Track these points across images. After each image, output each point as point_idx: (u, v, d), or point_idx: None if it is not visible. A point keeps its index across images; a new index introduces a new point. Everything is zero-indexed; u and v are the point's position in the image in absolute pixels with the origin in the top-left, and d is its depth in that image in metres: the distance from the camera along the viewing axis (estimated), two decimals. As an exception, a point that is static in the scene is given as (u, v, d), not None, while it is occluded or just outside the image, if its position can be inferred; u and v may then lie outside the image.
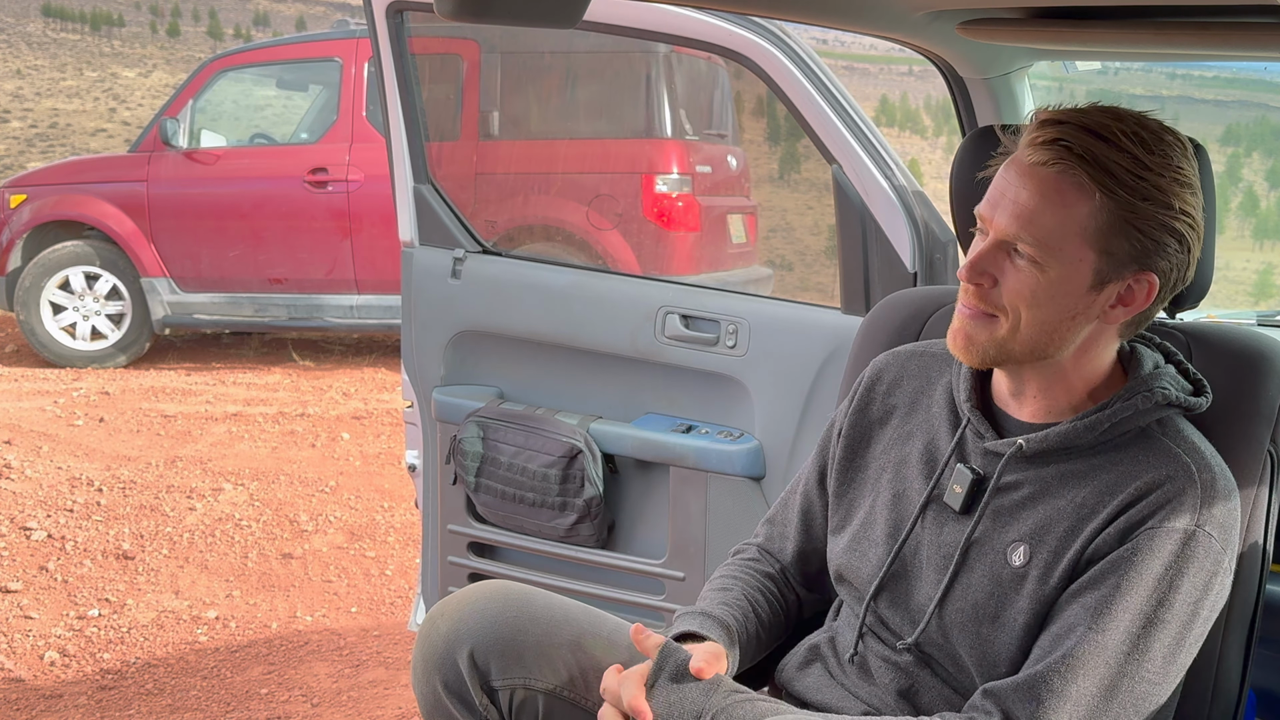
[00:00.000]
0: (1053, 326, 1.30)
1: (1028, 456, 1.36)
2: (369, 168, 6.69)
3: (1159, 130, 1.28)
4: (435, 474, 2.62)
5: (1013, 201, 1.28)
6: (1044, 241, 1.26)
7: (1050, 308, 1.29)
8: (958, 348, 1.36)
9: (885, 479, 1.48)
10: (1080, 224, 1.26)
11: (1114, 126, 1.25)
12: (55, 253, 6.99)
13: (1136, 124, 1.27)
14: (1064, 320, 1.30)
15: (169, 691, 3.12)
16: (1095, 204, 1.25)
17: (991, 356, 1.34)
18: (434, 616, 1.53)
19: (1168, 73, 20.85)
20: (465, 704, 1.48)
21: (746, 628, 1.51)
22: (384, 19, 2.46)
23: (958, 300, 1.36)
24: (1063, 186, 1.25)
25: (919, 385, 1.51)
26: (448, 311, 2.57)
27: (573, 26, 1.35)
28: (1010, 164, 1.31)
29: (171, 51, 32.19)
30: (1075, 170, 1.24)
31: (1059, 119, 1.27)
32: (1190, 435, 1.35)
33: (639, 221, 6.14)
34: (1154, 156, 1.25)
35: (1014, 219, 1.27)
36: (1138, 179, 1.24)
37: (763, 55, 2.17)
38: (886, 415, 1.52)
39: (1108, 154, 1.24)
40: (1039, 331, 1.31)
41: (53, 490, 4.58)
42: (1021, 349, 1.32)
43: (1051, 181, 1.26)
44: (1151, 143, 1.26)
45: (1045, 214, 1.26)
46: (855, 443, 1.54)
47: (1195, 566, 1.27)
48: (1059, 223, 1.26)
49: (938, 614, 1.37)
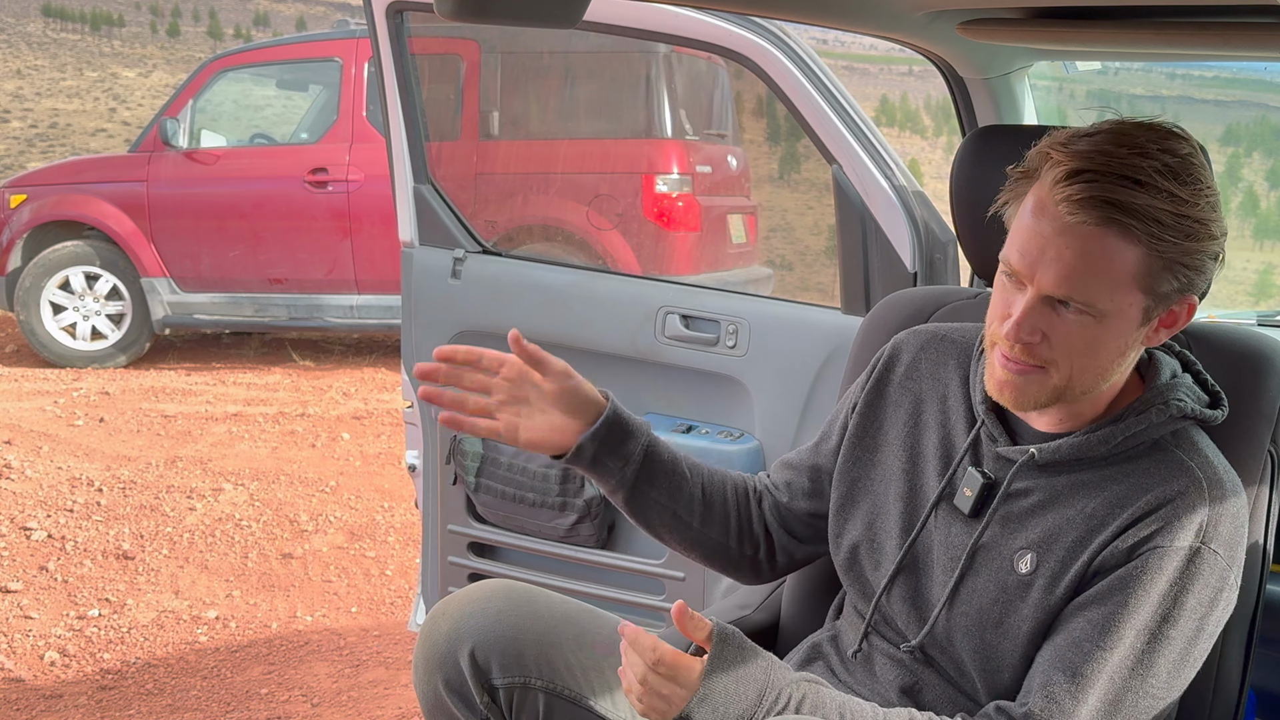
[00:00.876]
0: (1105, 366, 1.28)
1: (1039, 465, 1.35)
2: (369, 168, 6.69)
3: (1177, 148, 1.23)
4: (435, 474, 2.62)
5: (1055, 260, 1.22)
6: (1094, 299, 1.22)
7: (1104, 353, 1.27)
8: (1006, 400, 1.31)
9: (899, 467, 1.47)
10: (1130, 273, 1.22)
11: (1145, 166, 1.19)
12: (55, 253, 6.99)
13: (1162, 152, 1.21)
14: (1116, 359, 1.28)
15: (169, 691, 3.12)
16: (1141, 252, 1.21)
17: (1045, 403, 1.31)
18: (436, 615, 1.53)
19: (1168, 73, 20.83)
20: (466, 703, 1.48)
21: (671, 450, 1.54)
22: (384, 19, 2.46)
23: (993, 349, 1.31)
24: (1107, 242, 1.20)
25: (937, 373, 1.49)
26: (448, 311, 2.57)
27: (573, 26, 1.35)
28: (1042, 215, 1.23)
29: (171, 51, 32.19)
30: (1119, 224, 1.20)
31: (1089, 168, 1.20)
32: (1204, 448, 1.33)
33: (639, 221, 6.14)
34: (1187, 188, 1.21)
35: (1062, 280, 1.22)
36: (1179, 219, 1.20)
37: (763, 55, 2.17)
38: (902, 398, 1.50)
39: (1148, 201, 1.19)
40: (1094, 375, 1.28)
41: (53, 490, 4.58)
42: (1076, 393, 1.30)
43: (1096, 238, 1.20)
44: (1181, 172, 1.21)
45: (1094, 272, 1.21)
46: (869, 420, 1.52)
47: (1201, 584, 1.26)
48: (1108, 277, 1.22)
49: (944, 616, 1.37)
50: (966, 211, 1.59)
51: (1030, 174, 1.27)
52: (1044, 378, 1.28)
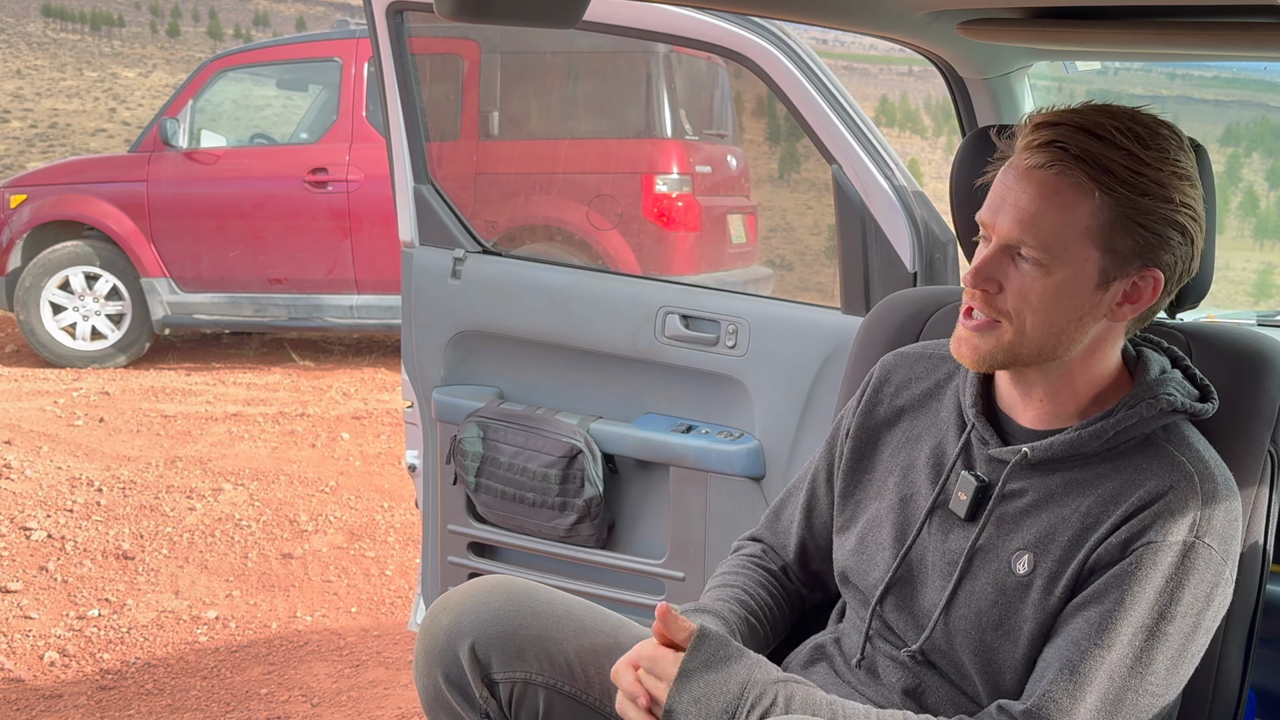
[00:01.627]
0: (1060, 328, 1.30)
1: (1032, 464, 1.36)
2: (369, 168, 6.69)
3: (1154, 125, 1.28)
4: (435, 474, 2.62)
5: (1013, 205, 1.28)
6: (1047, 244, 1.26)
7: (1057, 310, 1.29)
8: (963, 355, 1.35)
9: (892, 482, 1.48)
10: (1082, 223, 1.26)
11: (1108, 124, 1.25)
12: (55, 253, 6.99)
13: (1131, 120, 1.27)
14: (1071, 321, 1.30)
15: (169, 691, 3.12)
16: (1095, 202, 1.25)
17: (999, 361, 1.34)
18: (436, 610, 1.53)
19: (1168, 73, 20.84)
20: (466, 697, 1.48)
21: (748, 621, 1.51)
22: (384, 19, 2.46)
23: (960, 308, 1.35)
24: (1062, 187, 1.25)
25: (927, 387, 1.51)
26: (448, 311, 2.57)
27: (573, 26, 1.35)
28: (1008, 168, 1.31)
29: (171, 51, 32.19)
30: (1073, 170, 1.25)
31: (1053, 120, 1.27)
32: (1195, 442, 1.34)
33: (639, 221, 6.14)
34: (1150, 151, 1.25)
35: (1016, 223, 1.27)
36: (1136, 175, 1.24)
37: (763, 55, 2.17)
38: (894, 417, 1.52)
39: (1104, 152, 1.24)
40: (1047, 334, 1.30)
41: (53, 490, 4.58)
42: (1030, 352, 1.32)
43: (1050, 183, 1.26)
44: (1147, 138, 1.26)
45: (1047, 216, 1.26)
46: (862, 444, 1.53)
47: (1196, 578, 1.27)
48: (1061, 224, 1.26)
49: (943, 620, 1.38)
50: (966, 211, 1.59)
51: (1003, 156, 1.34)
52: (999, 333, 1.31)
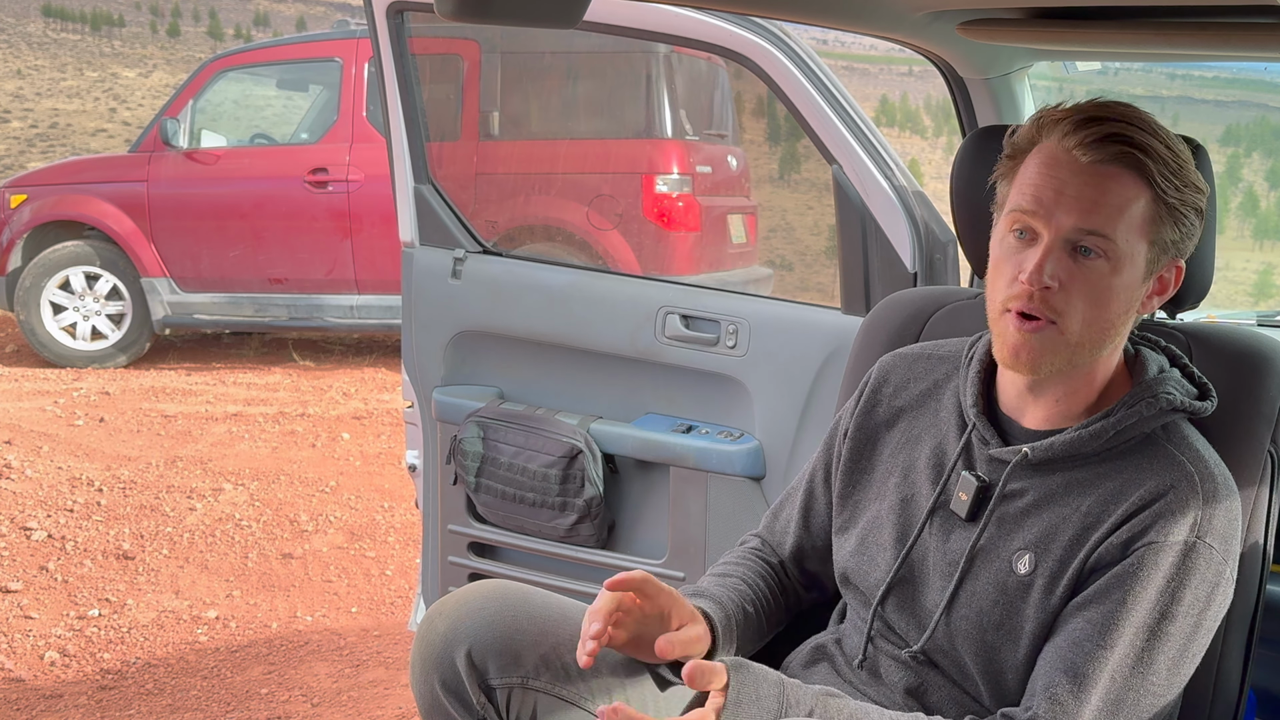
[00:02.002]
0: (1111, 322, 1.30)
1: (1033, 464, 1.36)
2: (369, 168, 6.69)
3: None
4: (435, 474, 2.62)
5: (1075, 198, 1.26)
6: (1114, 236, 1.26)
7: (1114, 304, 1.29)
8: (1022, 363, 1.30)
9: (892, 482, 1.48)
10: (1141, 215, 1.28)
11: (1148, 119, 1.29)
12: (55, 253, 6.99)
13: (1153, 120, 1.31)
14: (1121, 315, 1.31)
15: (169, 691, 3.12)
16: (1151, 195, 1.27)
17: (1059, 365, 1.31)
18: (432, 615, 1.53)
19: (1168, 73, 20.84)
20: (463, 703, 1.48)
21: (743, 607, 1.51)
22: (384, 19, 2.46)
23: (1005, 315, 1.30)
24: (1125, 181, 1.27)
25: (926, 388, 1.51)
26: (448, 311, 2.57)
27: (573, 26, 1.35)
28: (1055, 164, 1.28)
29: (171, 51, 32.20)
30: (1134, 163, 1.26)
31: (1100, 115, 1.28)
32: (1194, 441, 1.34)
33: (639, 221, 6.14)
34: (1178, 145, 1.30)
35: (1086, 214, 1.26)
36: (1181, 167, 1.28)
37: (763, 55, 2.17)
38: (893, 418, 1.52)
39: (1155, 147, 1.27)
40: (1101, 330, 1.30)
41: (53, 490, 4.58)
42: (1085, 350, 1.30)
43: (1114, 177, 1.26)
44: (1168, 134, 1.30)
45: (1113, 208, 1.26)
46: (861, 444, 1.53)
47: (1197, 578, 1.27)
48: (1125, 216, 1.27)
49: (944, 621, 1.38)
50: (966, 211, 1.60)
51: (1023, 149, 1.33)
52: (1057, 335, 1.28)
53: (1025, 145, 1.32)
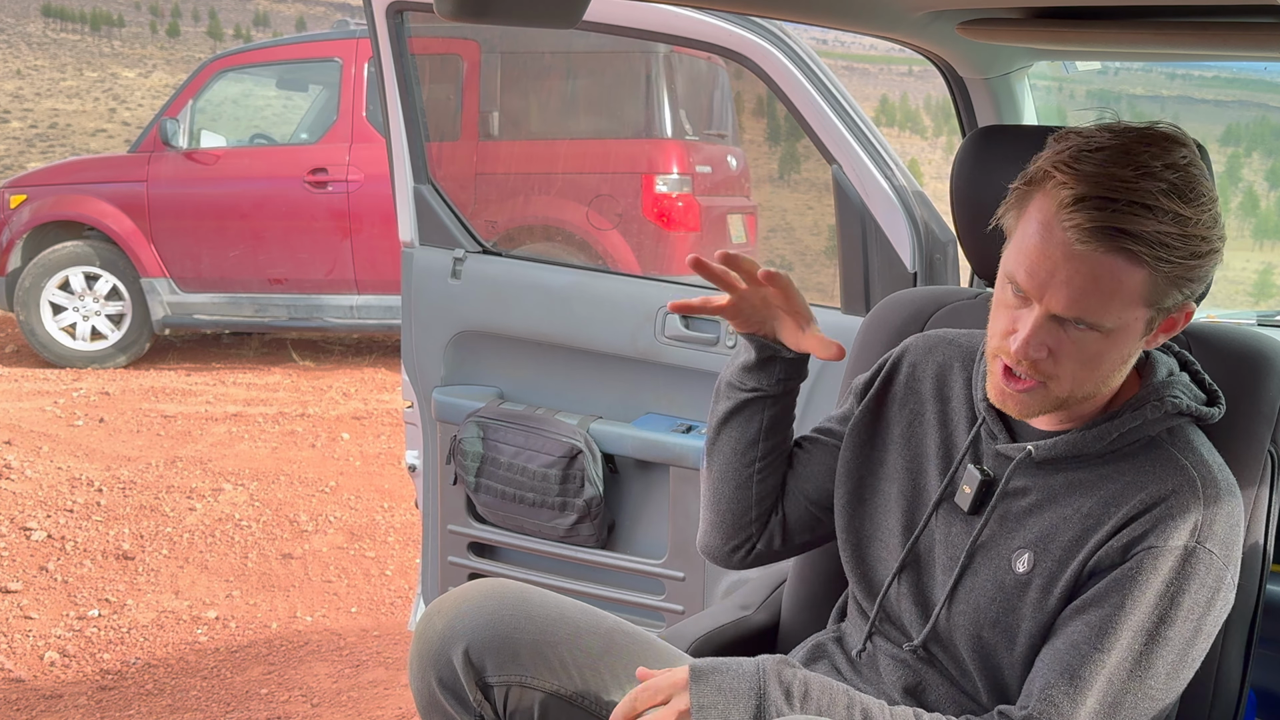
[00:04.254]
0: (1107, 376, 1.30)
1: (1037, 463, 1.36)
2: (369, 168, 6.69)
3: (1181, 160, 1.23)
4: (435, 474, 2.62)
5: (1064, 284, 1.22)
6: (1103, 319, 1.24)
7: (1106, 363, 1.28)
8: (1009, 410, 1.32)
9: (901, 466, 1.48)
10: (1137, 293, 1.23)
11: (1153, 189, 1.19)
12: (55, 253, 6.99)
13: (1166, 169, 1.21)
14: (1117, 366, 1.29)
15: (169, 691, 3.12)
16: (1148, 272, 1.22)
17: (1048, 410, 1.32)
18: (430, 613, 1.53)
19: (1168, 73, 20.84)
20: (460, 701, 1.48)
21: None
22: (384, 19, 2.46)
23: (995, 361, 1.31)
24: (1115, 266, 1.21)
25: (943, 375, 1.50)
26: (448, 311, 2.57)
27: (573, 26, 1.35)
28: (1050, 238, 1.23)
29: (171, 51, 32.19)
30: (1127, 250, 1.20)
31: (1096, 194, 1.20)
32: (1199, 446, 1.34)
33: (639, 221, 6.14)
34: (1191, 205, 1.21)
35: (1071, 303, 1.23)
36: (1186, 239, 1.21)
37: (763, 55, 2.17)
38: (908, 399, 1.51)
39: (1155, 227, 1.19)
40: (1095, 385, 1.30)
41: (53, 490, 4.58)
42: (1078, 400, 1.31)
43: (1104, 264, 1.21)
44: (1185, 189, 1.21)
45: (1102, 295, 1.22)
46: (873, 420, 1.53)
47: (1197, 583, 1.26)
48: (1117, 299, 1.23)
49: (945, 614, 1.38)
50: (966, 211, 1.59)
51: (1032, 186, 1.27)
52: (1045, 392, 1.29)
53: (1035, 181, 1.26)
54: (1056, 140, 1.27)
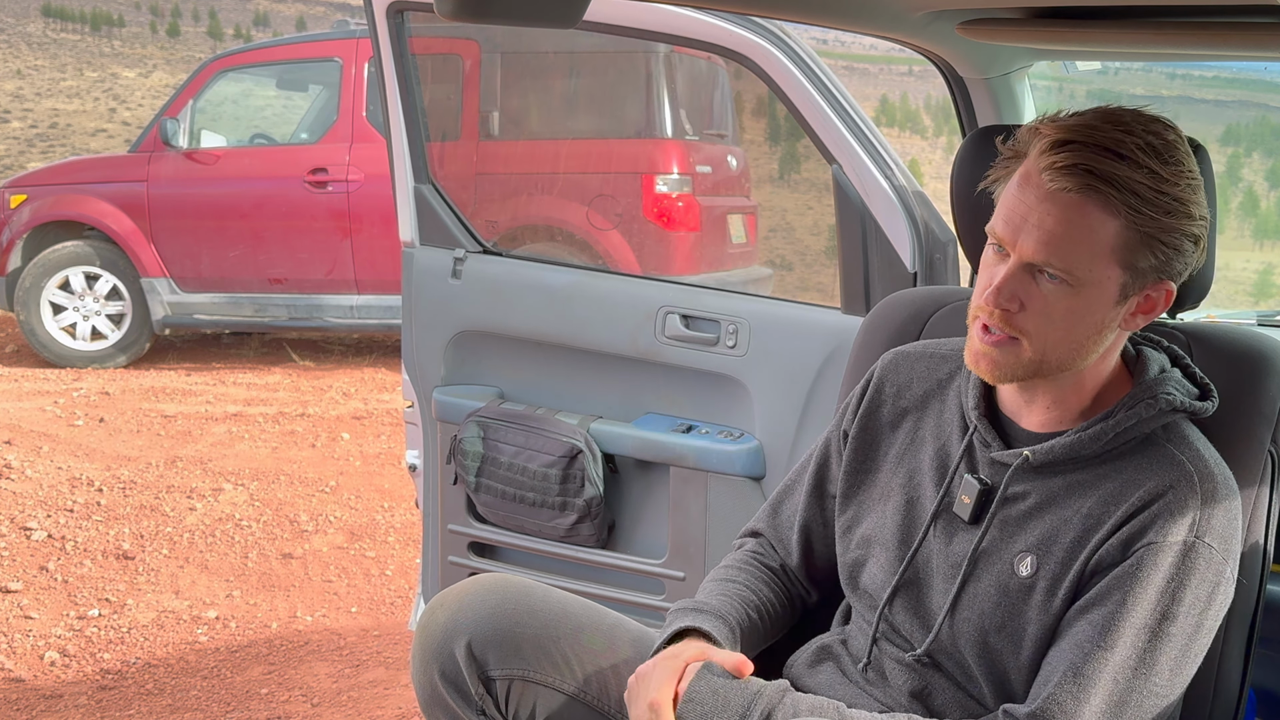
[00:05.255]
0: (1080, 342, 1.30)
1: (1034, 467, 1.36)
2: (369, 168, 6.69)
3: (1165, 132, 1.27)
4: (435, 474, 2.62)
5: (1037, 227, 1.25)
6: (1073, 266, 1.25)
7: (1079, 327, 1.29)
8: (982, 370, 1.33)
9: (897, 484, 1.48)
10: (1108, 244, 1.25)
11: (1129, 142, 1.23)
12: (55, 253, 6.99)
13: (1146, 132, 1.25)
14: (1091, 335, 1.30)
15: (169, 691, 3.12)
16: (1121, 223, 1.24)
17: (1019, 375, 1.33)
18: (433, 608, 1.53)
19: (1168, 73, 20.83)
20: (462, 695, 1.48)
21: (749, 616, 1.51)
22: (384, 19, 2.46)
23: (974, 322, 1.33)
24: (1088, 210, 1.24)
25: (929, 388, 1.51)
26: (448, 311, 2.57)
27: (573, 26, 1.35)
28: (1027, 184, 1.28)
29: (171, 51, 32.20)
30: (1099, 193, 1.23)
31: (1073, 139, 1.25)
32: (1195, 441, 1.34)
33: (639, 221, 6.14)
34: (1169, 167, 1.24)
35: (1042, 245, 1.25)
36: (1159, 194, 1.23)
37: (763, 55, 2.17)
38: (897, 418, 1.52)
39: (1128, 173, 1.22)
40: (1067, 349, 1.30)
41: (53, 490, 4.58)
42: (1050, 366, 1.31)
43: (1076, 206, 1.24)
44: (1164, 151, 1.25)
45: (1073, 239, 1.25)
46: (865, 445, 1.53)
47: (1198, 578, 1.27)
48: (1087, 246, 1.25)
49: (948, 623, 1.38)
50: (966, 211, 1.59)
51: (1020, 153, 1.31)
52: (1018, 350, 1.30)
53: (1019, 150, 1.31)
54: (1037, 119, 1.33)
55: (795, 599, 1.62)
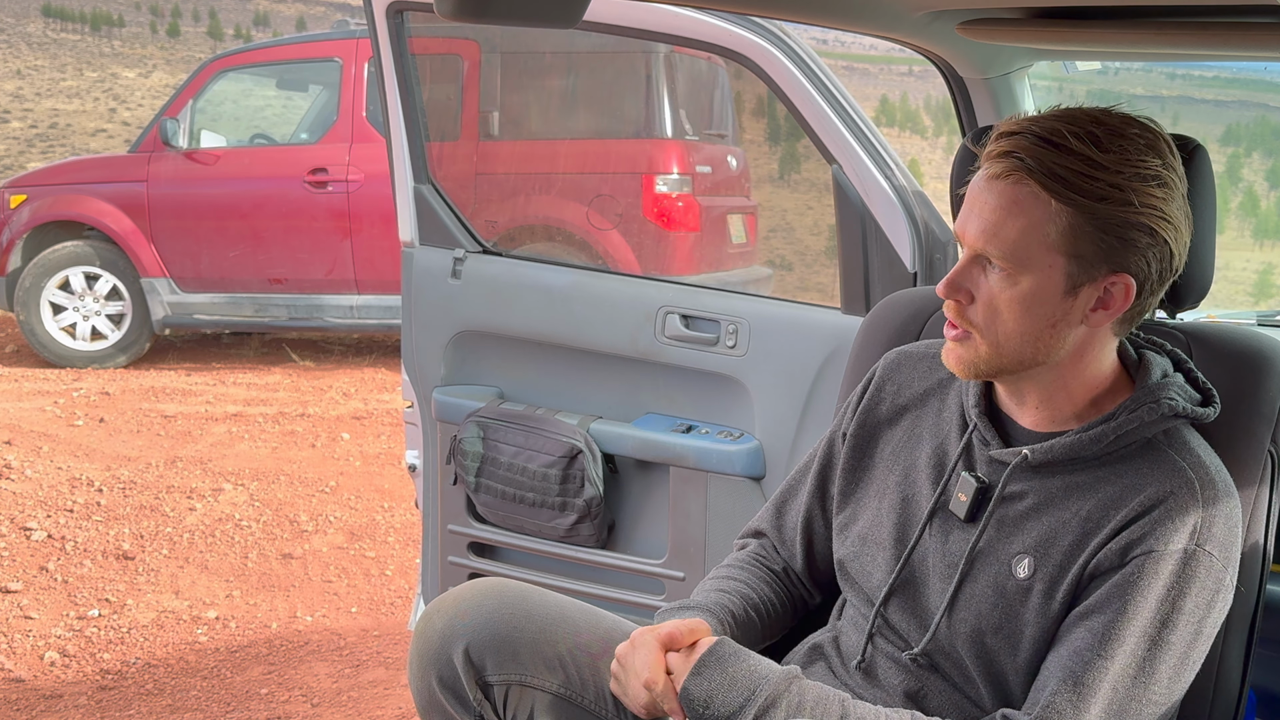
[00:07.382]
0: (1034, 336, 1.30)
1: (1033, 466, 1.35)
2: (369, 168, 6.69)
3: (1119, 125, 1.26)
4: (435, 474, 2.62)
5: (978, 216, 1.29)
6: (1010, 252, 1.27)
7: (1027, 319, 1.29)
8: (951, 365, 1.37)
9: (893, 481, 1.48)
10: (1042, 230, 1.25)
11: (1064, 130, 1.25)
12: (55, 253, 6.99)
13: (1091, 123, 1.25)
14: (1044, 329, 1.30)
15: (169, 691, 3.12)
16: (1052, 210, 1.25)
17: (983, 371, 1.34)
18: (430, 613, 1.53)
19: (1168, 73, 20.85)
20: (460, 700, 1.48)
21: (745, 611, 1.52)
22: (384, 19, 2.46)
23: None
24: (1019, 196, 1.26)
25: (929, 386, 1.51)
26: (448, 311, 2.57)
27: (573, 26, 1.35)
28: (979, 177, 1.31)
29: (171, 51, 32.20)
30: (1028, 180, 1.25)
31: (1013, 129, 1.28)
32: (1196, 447, 1.33)
33: (639, 221, 6.14)
34: (1107, 154, 1.24)
35: (981, 233, 1.29)
36: (1090, 180, 1.23)
37: (763, 55, 2.17)
38: (895, 415, 1.52)
39: (1057, 159, 1.24)
40: (1021, 343, 1.30)
41: (53, 490, 4.58)
42: (1009, 361, 1.32)
43: (1009, 193, 1.27)
44: (1105, 140, 1.24)
45: (1007, 225, 1.27)
46: (863, 442, 1.53)
47: (1197, 586, 1.26)
48: (1021, 232, 1.26)
49: (945, 623, 1.37)
50: (966, 211, 1.59)
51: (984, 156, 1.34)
52: (974, 344, 1.33)
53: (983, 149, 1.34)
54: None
55: (796, 600, 1.62)
